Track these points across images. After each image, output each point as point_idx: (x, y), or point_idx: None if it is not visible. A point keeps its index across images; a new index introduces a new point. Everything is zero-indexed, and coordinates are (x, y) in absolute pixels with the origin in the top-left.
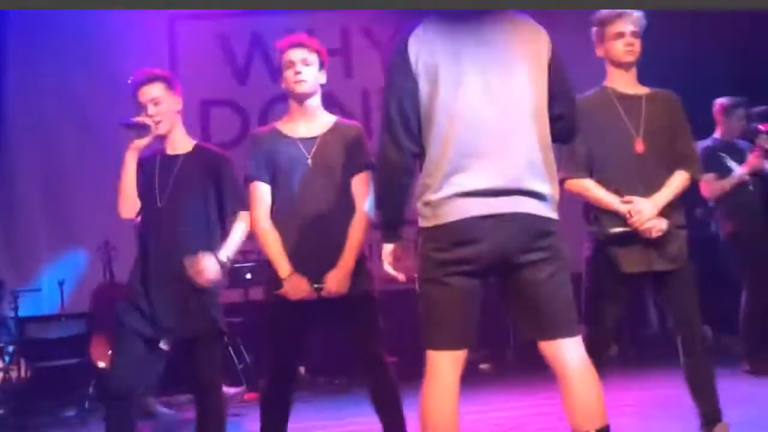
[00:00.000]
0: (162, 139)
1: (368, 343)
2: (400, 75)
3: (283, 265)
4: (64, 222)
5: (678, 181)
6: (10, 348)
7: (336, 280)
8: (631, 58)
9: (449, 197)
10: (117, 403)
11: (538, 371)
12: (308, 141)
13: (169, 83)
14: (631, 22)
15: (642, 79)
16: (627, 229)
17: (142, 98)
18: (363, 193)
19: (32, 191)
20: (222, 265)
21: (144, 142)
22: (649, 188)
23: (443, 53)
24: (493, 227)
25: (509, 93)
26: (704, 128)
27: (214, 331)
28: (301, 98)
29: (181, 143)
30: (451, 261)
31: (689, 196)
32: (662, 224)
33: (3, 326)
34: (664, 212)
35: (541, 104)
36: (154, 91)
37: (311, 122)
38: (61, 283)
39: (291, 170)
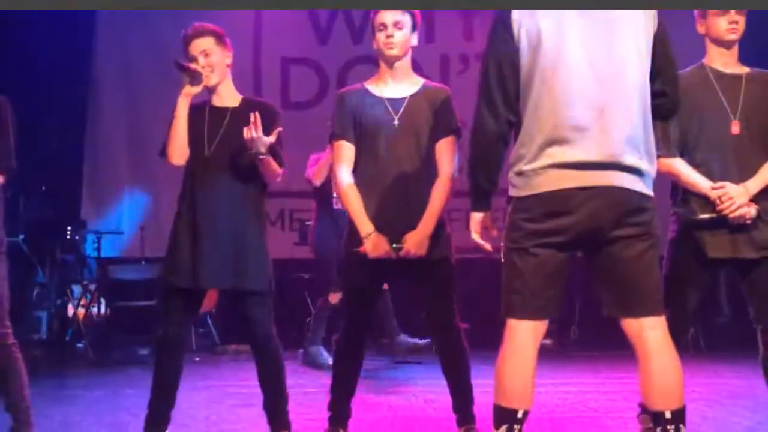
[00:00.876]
0: (210, 91)
1: (442, 307)
2: (501, 41)
3: (364, 224)
4: (147, 168)
5: None
6: (92, 287)
7: (415, 242)
8: (733, 37)
9: (544, 168)
10: (169, 350)
11: (599, 350)
12: (396, 101)
13: (219, 38)
14: None
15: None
16: (715, 215)
17: (194, 51)
18: (447, 156)
19: (118, 137)
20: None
21: (196, 89)
22: (743, 172)
23: (546, 21)
24: (588, 199)
25: (611, 66)
26: None
27: (262, 284)
28: (392, 60)
29: (230, 97)
30: (542, 232)
31: None
32: (753, 211)
33: (85, 266)
34: (756, 198)
35: (643, 79)
36: (205, 43)
37: (400, 83)
38: (142, 228)
39: (377, 130)
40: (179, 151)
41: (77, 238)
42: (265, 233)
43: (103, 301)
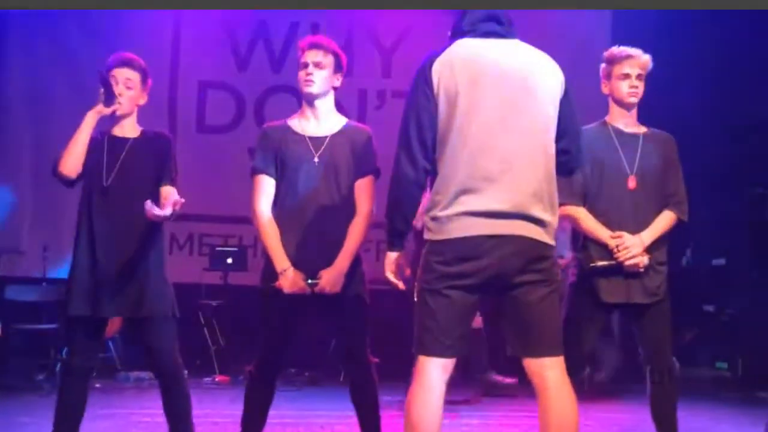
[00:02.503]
0: (114, 121)
1: (354, 341)
2: (421, 95)
3: (281, 259)
4: (52, 186)
5: (665, 220)
6: None
7: (330, 279)
8: (633, 100)
9: (457, 215)
10: (73, 379)
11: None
12: (317, 140)
13: (145, 78)
14: (638, 65)
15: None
16: (612, 262)
17: (118, 76)
18: (366, 196)
19: (22, 155)
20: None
21: (106, 110)
22: (637, 223)
23: (464, 79)
24: (495, 246)
25: (521, 123)
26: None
27: (164, 312)
28: (310, 99)
29: (131, 128)
30: (453, 274)
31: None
32: (645, 260)
33: None
34: (649, 249)
35: (549, 137)
36: (132, 74)
37: (322, 122)
38: (44, 248)
39: (297, 167)
40: (73, 163)
41: None
42: (164, 259)
43: None
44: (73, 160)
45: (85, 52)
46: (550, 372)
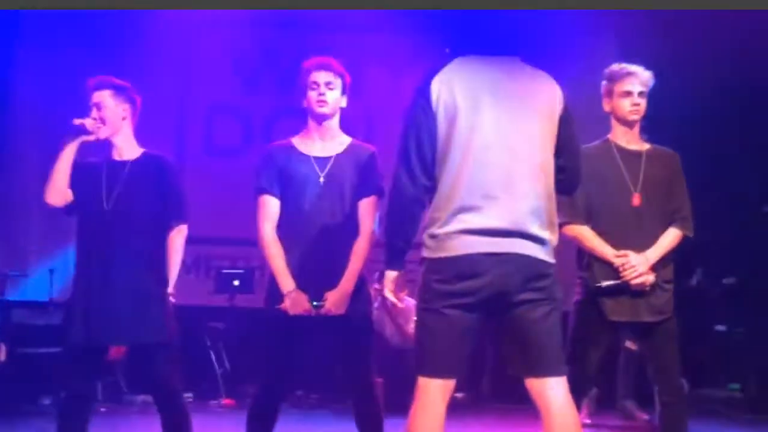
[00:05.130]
0: (110, 145)
1: (359, 363)
2: (420, 112)
3: (286, 281)
4: (57, 210)
5: (671, 237)
6: None
7: (335, 300)
8: (635, 117)
9: (456, 232)
10: (74, 407)
11: (511, 402)
12: (322, 160)
13: (118, 90)
14: (639, 82)
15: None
16: (618, 281)
17: (90, 102)
18: (369, 215)
19: (29, 179)
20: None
21: (85, 138)
22: (642, 241)
23: (463, 96)
24: (495, 265)
25: (521, 141)
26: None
27: (162, 336)
28: (321, 119)
29: (129, 149)
30: (452, 293)
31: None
32: (651, 278)
33: None
34: (655, 267)
35: (548, 155)
36: (99, 96)
37: (327, 142)
38: (51, 271)
39: (302, 187)
40: (57, 193)
41: None
42: (164, 285)
43: (3, 346)
44: (56, 190)
45: (93, 74)
46: (553, 392)
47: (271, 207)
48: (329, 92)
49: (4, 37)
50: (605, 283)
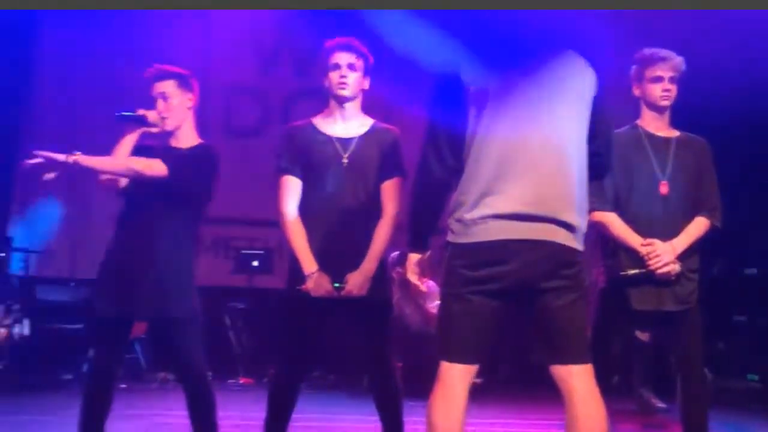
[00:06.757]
0: (169, 134)
1: (379, 346)
2: (450, 94)
3: (308, 262)
4: (80, 188)
5: (698, 227)
6: (16, 306)
7: (357, 282)
8: (666, 103)
9: (483, 217)
10: (98, 381)
11: (530, 387)
12: (345, 141)
13: (182, 80)
14: (670, 67)
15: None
16: (643, 270)
17: (154, 93)
18: (393, 197)
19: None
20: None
21: (148, 129)
22: (669, 230)
23: (493, 79)
24: (522, 251)
25: (552, 125)
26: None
27: (188, 314)
28: (343, 101)
29: (186, 139)
30: (477, 279)
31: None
32: (677, 267)
33: (8, 284)
34: (680, 256)
35: (580, 139)
36: (164, 86)
37: (349, 122)
38: (73, 248)
39: (324, 168)
40: (110, 178)
41: (2, 255)
42: (191, 261)
43: (26, 322)
44: (107, 178)
45: (114, 61)
46: (577, 380)
47: (292, 187)
48: (351, 74)
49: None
50: (631, 272)
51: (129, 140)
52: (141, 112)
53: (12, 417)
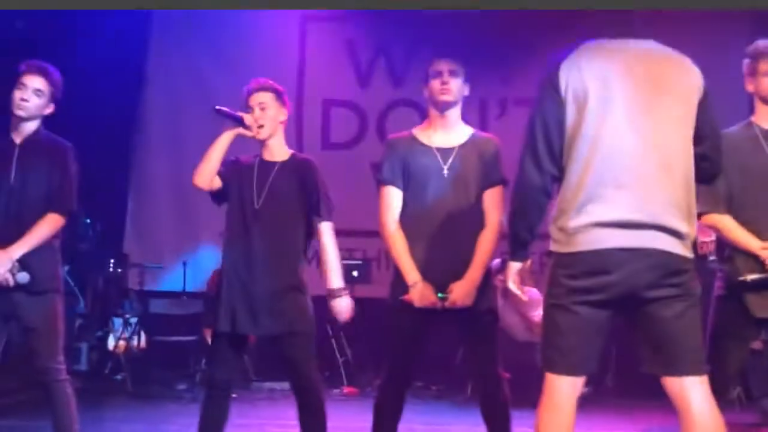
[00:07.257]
0: (262, 146)
1: (486, 356)
2: (548, 98)
3: (411, 272)
4: (190, 205)
5: None
6: (133, 320)
7: (462, 292)
8: None
9: (586, 226)
10: (215, 393)
11: (637, 397)
12: (445, 151)
13: (279, 95)
14: None
15: None
16: (764, 275)
17: (252, 102)
18: (495, 206)
19: (162, 174)
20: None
21: (243, 132)
22: None
23: (593, 82)
24: (627, 260)
25: (655, 128)
26: None
27: (305, 329)
28: (444, 108)
29: (279, 152)
30: (581, 289)
31: None
32: None
33: (126, 299)
34: None
35: (686, 142)
36: (263, 97)
37: (449, 132)
38: (184, 263)
39: (426, 179)
40: (206, 175)
41: (119, 270)
42: (304, 276)
43: (143, 334)
44: (206, 173)
45: (215, 74)
46: (692, 392)
47: (394, 198)
48: (453, 79)
49: (139, 33)
50: (750, 277)
51: (226, 138)
52: (239, 113)
53: (131, 425)
